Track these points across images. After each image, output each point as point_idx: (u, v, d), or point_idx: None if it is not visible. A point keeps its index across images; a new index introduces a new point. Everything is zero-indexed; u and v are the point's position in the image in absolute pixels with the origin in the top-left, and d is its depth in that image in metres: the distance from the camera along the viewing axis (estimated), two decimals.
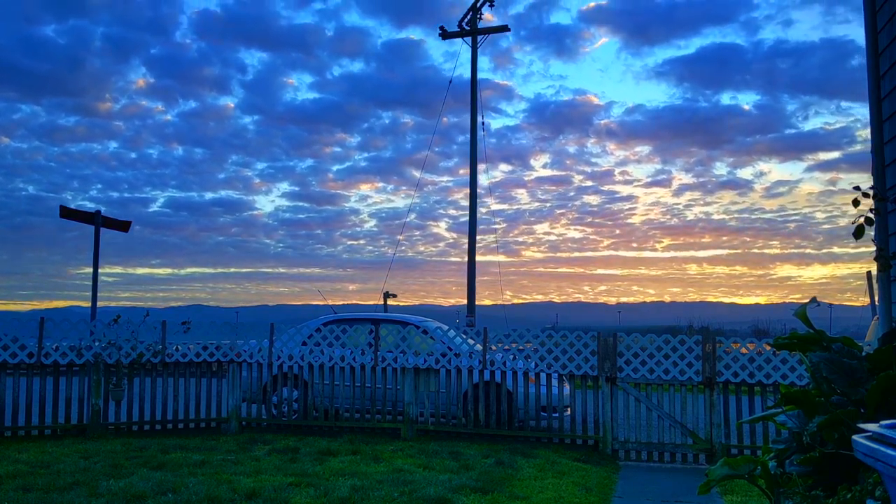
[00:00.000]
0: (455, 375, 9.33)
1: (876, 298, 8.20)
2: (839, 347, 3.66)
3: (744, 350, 8.60)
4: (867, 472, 2.88)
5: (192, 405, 9.48)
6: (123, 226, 14.81)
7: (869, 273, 10.88)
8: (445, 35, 22.12)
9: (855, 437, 2.38)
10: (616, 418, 8.71)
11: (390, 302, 25.44)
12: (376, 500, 5.79)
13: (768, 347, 8.38)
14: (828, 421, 3.22)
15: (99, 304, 14.46)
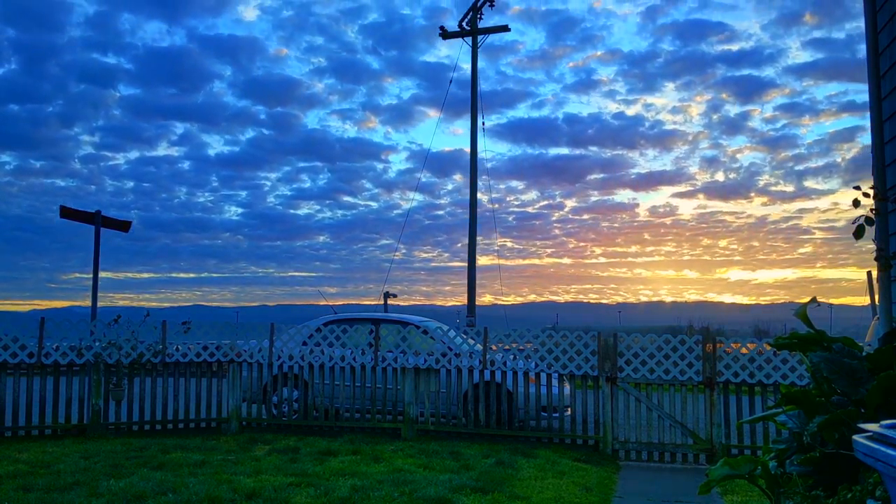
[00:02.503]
0: (455, 375, 9.33)
1: (876, 298, 8.19)
2: (839, 347, 3.66)
3: (744, 350, 8.59)
4: (867, 472, 2.88)
5: (192, 405, 9.48)
6: (123, 226, 14.78)
7: (869, 273, 10.86)
8: (446, 35, 22.12)
9: (855, 437, 2.38)
10: (616, 418, 8.71)
11: (390, 302, 25.44)
12: (376, 500, 5.79)
13: (769, 347, 8.37)
14: (828, 421, 3.22)
15: (98, 304, 14.44)
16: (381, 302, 24.90)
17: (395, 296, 25.72)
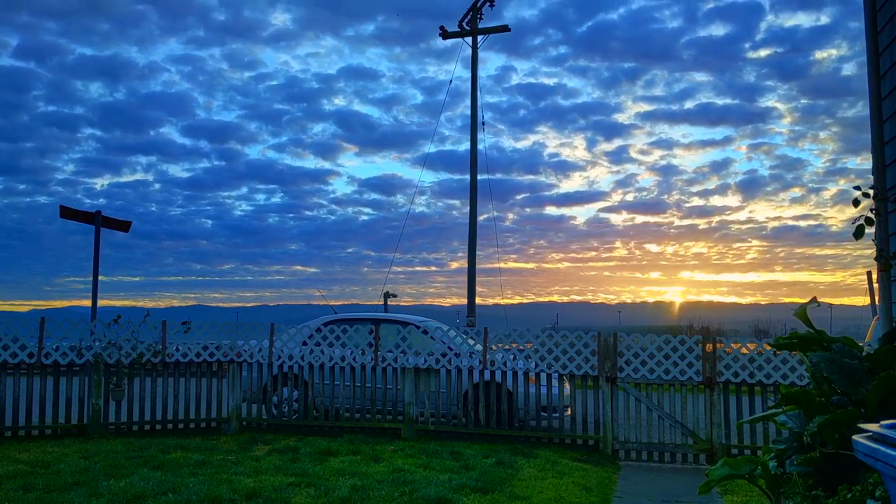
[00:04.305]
0: (455, 375, 9.33)
1: (876, 298, 8.19)
2: (839, 347, 3.66)
3: (744, 350, 8.59)
4: (868, 473, 2.88)
5: (192, 405, 9.48)
6: (124, 226, 14.73)
7: (869, 273, 10.87)
8: (446, 35, 22.11)
9: (855, 437, 2.38)
10: (616, 418, 8.71)
11: (390, 302, 25.42)
12: (376, 500, 5.79)
13: (769, 347, 8.37)
14: (828, 421, 3.22)
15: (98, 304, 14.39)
16: (381, 302, 24.90)
17: (395, 296, 25.70)
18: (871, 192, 5.08)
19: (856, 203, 4.96)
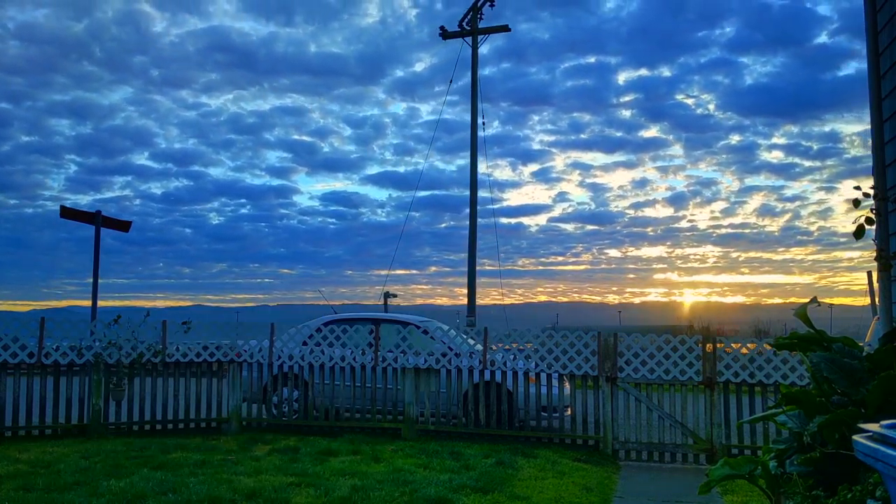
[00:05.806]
0: (455, 375, 9.33)
1: (876, 298, 8.19)
2: (839, 347, 3.66)
3: (744, 350, 8.59)
4: (868, 473, 2.88)
5: (192, 405, 9.48)
6: (124, 226, 14.74)
7: (869, 273, 10.86)
8: (446, 35, 22.11)
9: (855, 437, 2.38)
10: (616, 418, 8.71)
11: (391, 302, 25.41)
12: (377, 499, 5.79)
13: (769, 347, 8.37)
14: (828, 421, 3.22)
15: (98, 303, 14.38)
16: (380, 302, 24.89)
17: (395, 296, 25.69)
18: (871, 192, 5.08)
19: (856, 203, 4.95)
